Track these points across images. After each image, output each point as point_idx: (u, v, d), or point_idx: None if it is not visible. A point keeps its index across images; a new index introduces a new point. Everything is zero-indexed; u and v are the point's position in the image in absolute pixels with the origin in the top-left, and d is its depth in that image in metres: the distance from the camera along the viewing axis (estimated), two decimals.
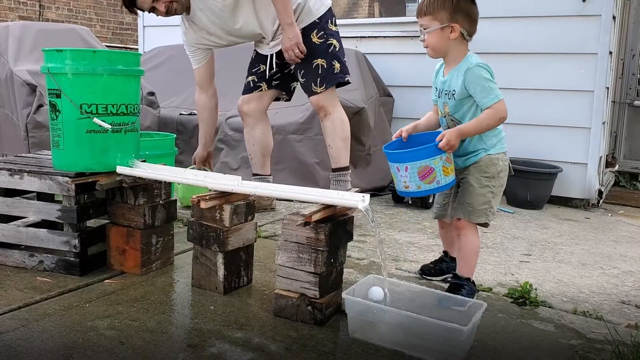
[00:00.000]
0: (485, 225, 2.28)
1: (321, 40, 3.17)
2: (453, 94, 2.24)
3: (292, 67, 3.29)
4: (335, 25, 3.27)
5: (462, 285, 2.25)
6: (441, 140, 2.09)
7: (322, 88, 3.18)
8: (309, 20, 3.17)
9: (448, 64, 2.30)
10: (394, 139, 2.32)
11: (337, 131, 3.29)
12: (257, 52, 3.46)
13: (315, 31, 3.16)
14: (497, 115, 2.16)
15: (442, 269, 2.56)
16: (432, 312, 1.98)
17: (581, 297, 2.45)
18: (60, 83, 2.29)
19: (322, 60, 3.17)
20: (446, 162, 2.12)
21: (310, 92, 3.24)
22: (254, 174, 3.59)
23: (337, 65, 3.20)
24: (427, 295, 2.06)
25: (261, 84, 3.45)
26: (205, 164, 3.60)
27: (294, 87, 3.56)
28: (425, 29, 2.24)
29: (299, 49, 3.08)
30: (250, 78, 3.49)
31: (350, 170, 3.40)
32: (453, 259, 2.49)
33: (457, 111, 2.26)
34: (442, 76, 2.32)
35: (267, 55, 3.36)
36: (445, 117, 2.31)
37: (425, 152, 2.09)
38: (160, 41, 5.99)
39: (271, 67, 3.36)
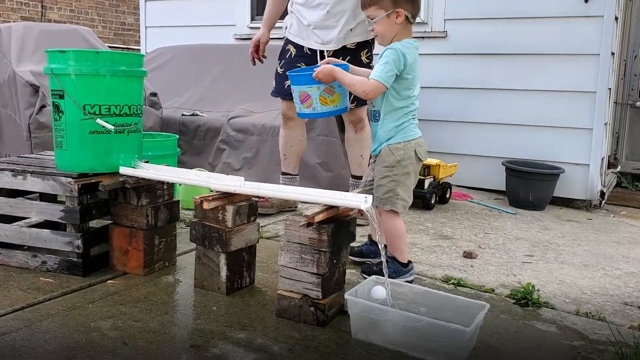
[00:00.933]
0: (396, 213, 2.40)
1: (367, 61, 3.24)
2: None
3: None
4: None
5: (387, 260, 2.35)
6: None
7: (352, 105, 3.23)
8: (365, 37, 3.20)
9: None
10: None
11: (369, 142, 3.34)
12: (297, 49, 3.31)
13: (365, 50, 3.24)
14: (366, 86, 2.30)
15: (362, 250, 2.73)
16: (434, 313, 1.98)
17: (584, 298, 2.45)
18: (64, 84, 2.30)
19: None
20: (324, 93, 2.36)
21: (284, 97, 3.35)
22: (285, 173, 3.55)
23: None
24: (429, 296, 2.06)
25: None
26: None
27: None
28: (372, 19, 2.36)
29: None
30: (289, 82, 3.33)
31: None
32: (373, 243, 2.72)
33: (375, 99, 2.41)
34: None
35: (315, 51, 3.24)
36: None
37: (302, 78, 2.40)
38: (162, 42, 6.00)
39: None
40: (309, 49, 3.25)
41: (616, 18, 4.19)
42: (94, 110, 2.31)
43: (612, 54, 4.24)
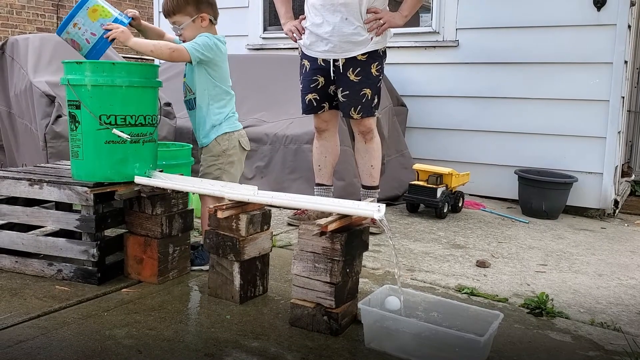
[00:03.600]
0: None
1: (377, 74, 3.28)
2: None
3: (336, 78, 3.28)
4: None
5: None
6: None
7: (358, 115, 3.29)
8: (376, 47, 3.22)
9: None
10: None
11: (378, 153, 3.47)
12: (311, 62, 3.33)
13: (376, 63, 3.26)
14: (172, 47, 2.50)
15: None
16: (448, 323, 1.98)
17: (598, 307, 2.43)
18: (80, 94, 2.33)
19: (369, 91, 3.28)
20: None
21: (347, 115, 3.35)
22: (320, 184, 3.55)
23: (376, 100, 3.35)
24: (443, 306, 2.06)
25: (324, 104, 3.39)
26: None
27: None
28: (179, 26, 2.59)
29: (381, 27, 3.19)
30: (310, 96, 3.37)
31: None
32: None
33: (189, 74, 2.65)
34: None
35: (329, 62, 3.25)
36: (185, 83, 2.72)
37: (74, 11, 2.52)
38: None
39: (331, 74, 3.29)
40: (323, 60, 3.26)
41: (629, 26, 4.18)
42: (109, 121, 2.34)
43: (625, 62, 4.22)
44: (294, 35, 3.35)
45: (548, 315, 2.29)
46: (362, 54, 3.21)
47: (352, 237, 2.02)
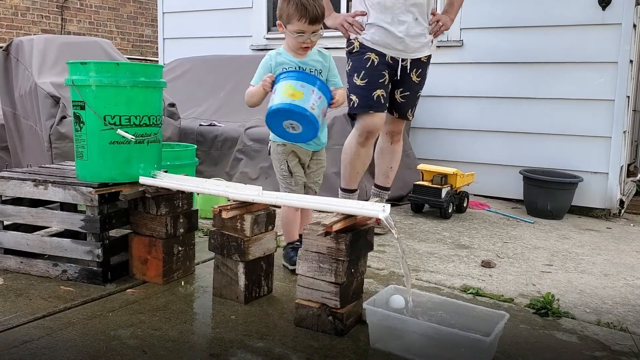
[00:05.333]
0: None
1: (419, 79, 3.26)
2: (320, 72, 2.56)
3: (398, 78, 3.20)
4: None
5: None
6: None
7: (411, 117, 3.31)
8: (432, 51, 3.25)
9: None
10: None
11: (399, 156, 3.46)
12: (379, 57, 3.13)
13: (429, 66, 3.28)
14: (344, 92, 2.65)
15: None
16: (453, 323, 1.97)
17: (604, 308, 2.42)
18: (84, 95, 2.33)
19: (421, 93, 3.32)
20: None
21: (404, 116, 3.31)
22: (351, 190, 3.37)
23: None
24: (448, 306, 2.05)
25: (387, 103, 3.23)
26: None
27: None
28: (317, 32, 2.49)
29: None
30: (379, 92, 3.13)
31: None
32: None
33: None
34: (294, 58, 2.54)
35: (398, 60, 3.16)
36: None
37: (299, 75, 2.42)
38: (179, 53, 6.07)
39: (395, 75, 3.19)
40: (392, 57, 3.14)
41: (634, 26, 4.16)
42: (114, 121, 2.34)
43: (631, 61, 4.20)
44: (354, 28, 3.12)
45: (554, 316, 2.28)
46: (425, 56, 3.21)
47: (357, 237, 2.02)
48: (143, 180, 2.43)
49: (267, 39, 5.72)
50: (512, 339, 2.04)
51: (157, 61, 7.20)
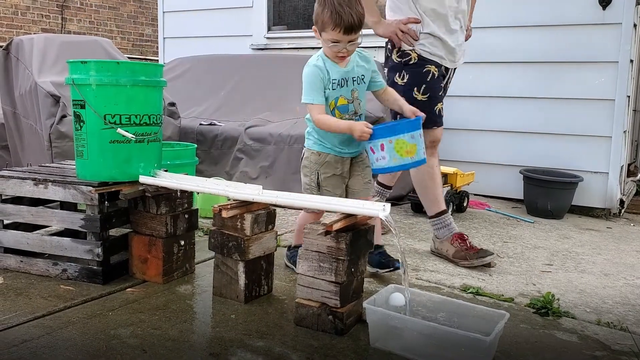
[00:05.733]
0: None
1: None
2: (362, 79, 2.40)
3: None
4: None
5: (385, 250, 2.59)
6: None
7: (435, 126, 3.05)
8: (462, 61, 3.13)
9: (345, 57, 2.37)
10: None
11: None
12: (438, 69, 2.96)
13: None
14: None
15: (379, 260, 2.63)
16: (453, 322, 1.97)
17: (605, 307, 2.42)
18: (85, 94, 2.33)
19: None
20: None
21: (440, 122, 3.05)
22: (437, 214, 3.05)
23: None
24: (448, 305, 2.05)
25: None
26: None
27: None
28: (356, 41, 2.29)
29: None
30: (440, 105, 3.00)
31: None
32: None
33: (362, 94, 2.43)
34: (339, 68, 2.36)
35: (449, 70, 3.05)
36: (352, 102, 2.40)
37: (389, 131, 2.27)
38: (179, 52, 6.07)
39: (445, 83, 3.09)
40: (446, 68, 3.02)
41: (635, 25, 4.16)
42: (114, 120, 2.34)
43: (631, 61, 4.20)
44: (408, 38, 2.88)
45: (554, 315, 2.27)
46: (461, 62, 3.12)
47: (357, 236, 2.02)
48: (143, 179, 2.43)
49: (268, 38, 5.72)
50: (512, 339, 2.04)
51: (158, 60, 7.20)
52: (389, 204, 1.99)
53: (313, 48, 5.39)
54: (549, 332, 2.12)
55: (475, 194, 4.58)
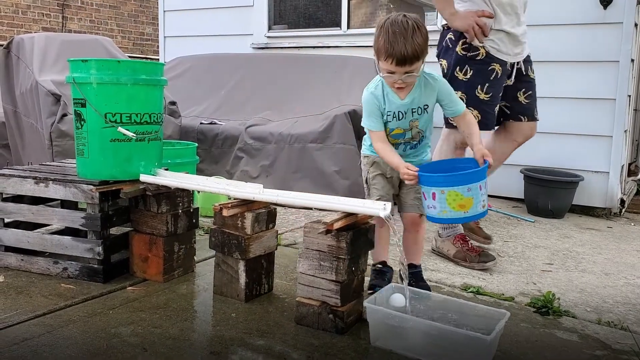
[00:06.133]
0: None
1: (533, 76, 3.01)
2: (425, 108, 2.23)
3: (516, 80, 2.95)
4: None
5: (421, 272, 2.43)
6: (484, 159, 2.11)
7: (538, 116, 3.02)
8: (528, 50, 3.00)
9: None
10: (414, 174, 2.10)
11: None
12: (502, 67, 2.85)
13: (530, 65, 3.01)
14: (472, 116, 2.32)
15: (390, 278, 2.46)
16: (454, 321, 1.97)
17: (605, 307, 2.42)
18: (85, 92, 2.33)
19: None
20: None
21: (532, 117, 3.01)
22: None
23: None
24: (449, 304, 2.05)
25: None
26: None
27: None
28: (413, 72, 2.11)
29: None
30: (497, 107, 2.92)
31: None
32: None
33: (424, 123, 2.28)
34: (398, 100, 2.21)
35: (513, 65, 2.93)
36: (410, 130, 2.27)
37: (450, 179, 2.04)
38: (180, 51, 6.06)
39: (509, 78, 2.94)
40: (510, 64, 2.90)
41: (636, 25, 4.16)
42: (115, 119, 2.34)
43: (632, 60, 4.20)
44: (481, 36, 2.77)
45: (554, 314, 2.27)
46: (527, 54, 2.98)
47: (358, 235, 2.02)
48: (144, 178, 2.43)
49: (268, 37, 5.72)
50: (512, 338, 2.04)
51: (158, 59, 7.20)
52: (390, 203, 1.99)
53: (314, 47, 5.39)
54: (549, 331, 2.12)
55: None
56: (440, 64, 2.95)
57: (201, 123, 4.65)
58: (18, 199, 2.55)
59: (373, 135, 2.26)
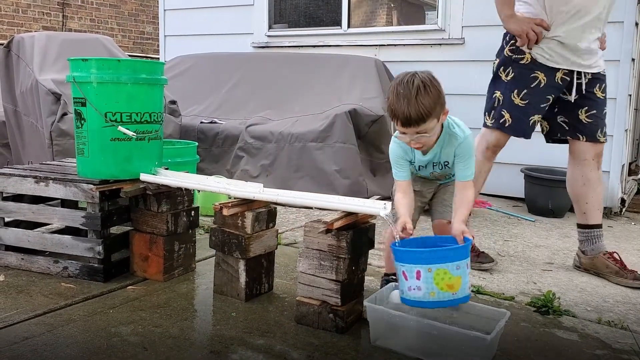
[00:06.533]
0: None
1: (602, 96, 2.83)
2: (446, 164, 2.18)
3: (577, 97, 2.80)
4: None
5: None
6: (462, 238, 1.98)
7: (604, 138, 2.86)
8: (601, 68, 2.82)
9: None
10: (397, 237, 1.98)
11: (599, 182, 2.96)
12: (547, 77, 2.73)
13: (601, 83, 2.82)
14: (472, 196, 2.13)
15: None
16: (454, 320, 1.97)
17: (605, 306, 2.42)
18: (86, 92, 2.33)
19: (606, 111, 2.89)
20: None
21: (593, 138, 2.83)
22: (591, 225, 2.92)
23: None
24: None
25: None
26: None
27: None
28: (427, 134, 2.00)
29: None
30: (536, 117, 2.83)
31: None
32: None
33: (445, 172, 2.24)
34: (421, 155, 2.17)
35: (568, 80, 2.76)
36: (431, 174, 2.26)
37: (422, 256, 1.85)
38: (180, 50, 6.06)
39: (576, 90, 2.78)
40: (563, 76, 2.74)
41: (636, 24, 4.15)
42: (115, 118, 2.34)
43: (633, 60, 4.19)
44: (532, 44, 2.70)
45: (555, 314, 2.27)
46: (603, 70, 2.82)
47: (358, 234, 2.02)
48: (144, 177, 2.43)
49: (269, 36, 5.71)
50: (512, 337, 2.04)
51: (159, 58, 7.20)
52: (390, 203, 1.99)
53: (314, 46, 5.39)
54: (549, 331, 2.12)
55: None
56: (494, 62, 2.92)
57: (201, 122, 4.65)
58: (18, 198, 2.55)
59: (396, 184, 2.20)
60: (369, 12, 6.74)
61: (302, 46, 5.49)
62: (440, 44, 4.76)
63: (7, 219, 2.56)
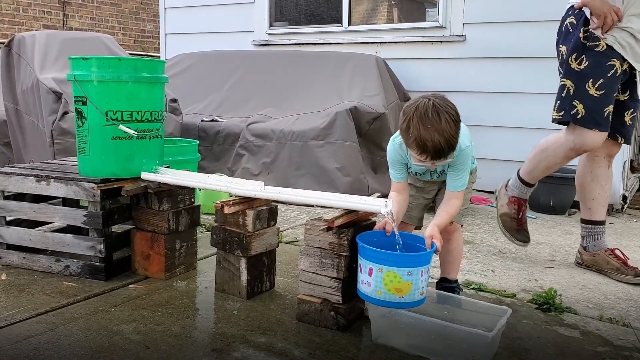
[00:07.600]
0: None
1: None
2: (442, 172, 2.16)
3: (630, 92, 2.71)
4: None
5: (454, 289, 2.25)
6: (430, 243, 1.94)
7: (622, 140, 2.78)
8: None
9: None
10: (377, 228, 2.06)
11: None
12: (622, 67, 2.59)
13: None
14: (459, 203, 2.10)
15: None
16: (456, 318, 1.97)
17: (607, 303, 2.41)
18: (86, 90, 2.33)
19: None
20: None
21: (627, 140, 2.79)
22: (526, 183, 3.04)
23: None
24: (451, 301, 2.05)
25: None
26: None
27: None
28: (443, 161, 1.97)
29: None
30: (610, 108, 2.58)
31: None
32: None
33: (443, 178, 2.20)
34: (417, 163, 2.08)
35: (632, 73, 2.66)
36: (429, 179, 2.25)
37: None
38: (181, 49, 6.06)
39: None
40: (624, 71, 2.62)
41: None
42: (116, 117, 2.34)
43: None
44: (605, 28, 2.53)
45: (556, 311, 2.27)
46: None
47: (359, 232, 2.01)
48: (145, 175, 2.43)
49: (269, 34, 5.71)
50: (514, 334, 2.04)
51: (159, 57, 7.20)
52: (391, 200, 1.99)
53: (315, 44, 5.39)
54: (551, 328, 2.12)
55: (477, 190, 4.58)
56: (560, 51, 2.74)
57: (202, 120, 4.65)
58: (20, 197, 2.55)
59: (392, 184, 2.19)
60: (369, 9, 6.73)
61: (302, 44, 5.49)
62: (441, 42, 4.76)
63: (8, 218, 2.56)
